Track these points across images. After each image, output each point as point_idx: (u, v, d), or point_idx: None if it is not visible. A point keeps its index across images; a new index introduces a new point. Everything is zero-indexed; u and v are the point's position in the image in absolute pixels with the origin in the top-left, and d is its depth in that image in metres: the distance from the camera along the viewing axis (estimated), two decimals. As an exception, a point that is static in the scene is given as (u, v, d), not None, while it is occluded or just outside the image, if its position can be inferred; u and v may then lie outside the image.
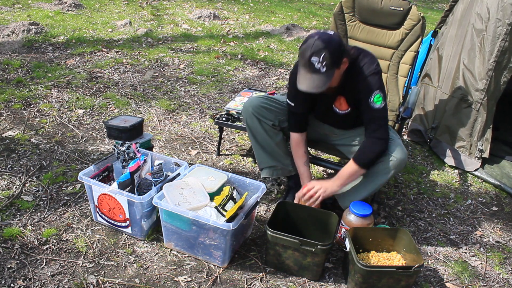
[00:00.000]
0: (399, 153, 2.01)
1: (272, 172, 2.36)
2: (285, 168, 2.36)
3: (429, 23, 6.85)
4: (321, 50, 1.82)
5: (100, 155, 2.80)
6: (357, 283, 1.84)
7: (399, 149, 2.03)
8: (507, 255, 2.29)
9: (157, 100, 3.64)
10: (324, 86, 1.88)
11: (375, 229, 2.10)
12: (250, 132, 2.27)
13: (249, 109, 2.22)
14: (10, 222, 2.15)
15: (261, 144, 2.28)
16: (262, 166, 2.36)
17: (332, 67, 1.86)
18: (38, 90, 3.57)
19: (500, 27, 2.66)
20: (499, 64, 2.74)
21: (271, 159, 2.32)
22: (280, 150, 2.32)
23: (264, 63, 4.76)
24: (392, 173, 2.06)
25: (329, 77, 1.88)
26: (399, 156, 2.01)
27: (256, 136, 2.27)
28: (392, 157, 2.02)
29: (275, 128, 2.27)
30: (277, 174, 2.38)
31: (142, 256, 2.03)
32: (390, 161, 2.02)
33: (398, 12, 2.62)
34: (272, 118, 2.24)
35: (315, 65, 1.83)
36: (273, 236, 1.88)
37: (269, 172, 2.36)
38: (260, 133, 2.25)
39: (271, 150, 2.30)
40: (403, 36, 2.68)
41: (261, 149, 2.30)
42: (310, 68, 1.85)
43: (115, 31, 5.30)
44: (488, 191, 2.87)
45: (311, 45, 1.84)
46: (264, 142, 2.27)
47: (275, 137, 2.28)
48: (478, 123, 2.91)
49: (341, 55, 1.89)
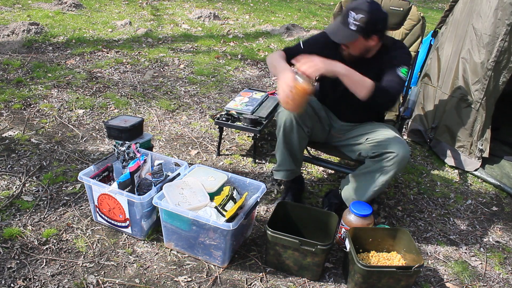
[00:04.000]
0: (401, 150, 1.98)
1: (290, 175, 2.34)
2: (298, 170, 2.38)
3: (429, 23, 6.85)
4: (362, 11, 1.90)
5: (100, 155, 2.80)
6: (357, 283, 1.84)
7: (400, 145, 2.00)
8: (507, 255, 2.29)
9: (157, 100, 3.64)
10: (342, 40, 1.97)
11: (375, 229, 2.11)
12: (283, 133, 2.15)
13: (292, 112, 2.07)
14: (10, 222, 2.15)
15: (290, 148, 2.21)
16: (281, 168, 2.32)
17: (361, 31, 1.92)
18: (38, 90, 3.57)
19: (499, 27, 2.66)
20: (498, 64, 2.74)
21: (292, 163, 2.28)
22: (301, 154, 2.32)
23: (264, 63, 4.76)
24: (395, 171, 2.02)
25: (352, 37, 1.94)
26: (401, 152, 1.97)
27: (288, 139, 2.17)
28: (393, 154, 1.99)
29: (308, 134, 2.21)
30: (292, 177, 2.37)
31: (142, 256, 2.03)
32: (391, 158, 2.00)
33: (398, 12, 2.63)
34: (309, 125, 2.19)
35: (348, 18, 1.92)
36: (273, 236, 1.89)
37: (285, 175, 2.33)
38: (294, 137, 2.16)
39: (295, 154, 2.25)
40: (403, 36, 2.68)
41: (287, 152, 2.23)
42: (343, 18, 1.95)
43: (115, 31, 5.30)
44: (488, 191, 2.87)
45: (360, 3, 1.93)
46: (293, 147, 2.20)
47: (303, 142, 2.23)
48: (478, 122, 2.91)
49: (375, 29, 1.95)
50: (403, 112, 2.52)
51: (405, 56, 2.10)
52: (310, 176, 2.81)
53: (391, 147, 2.02)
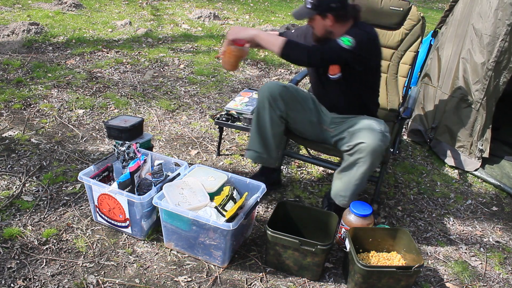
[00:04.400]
0: (370, 139, 1.96)
1: (256, 158, 2.36)
2: (270, 159, 2.37)
3: (429, 23, 6.85)
4: None
5: (100, 155, 2.80)
6: (357, 283, 1.84)
7: (370, 134, 1.98)
8: (507, 255, 2.29)
9: (157, 100, 3.64)
10: (298, 16, 2.11)
11: (375, 229, 2.11)
12: (256, 113, 2.27)
13: (266, 92, 2.22)
14: (10, 222, 2.15)
15: (260, 128, 2.27)
16: (250, 148, 2.36)
17: (316, 9, 2.06)
18: (38, 90, 3.57)
19: (499, 27, 2.66)
20: (498, 64, 2.74)
21: (261, 146, 2.31)
22: (274, 142, 2.31)
23: (264, 63, 4.76)
24: (369, 162, 1.99)
25: (307, 14, 2.09)
26: (370, 141, 1.95)
27: (259, 119, 2.26)
28: (363, 144, 1.97)
29: (281, 120, 2.26)
30: (260, 162, 2.40)
31: (142, 256, 2.03)
32: (363, 149, 1.98)
33: (398, 12, 2.63)
34: (284, 109, 2.23)
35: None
36: (273, 236, 1.89)
37: (253, 156, 2.35)
38: (264, 118, 2.24)
39: (265, 138, 2.29)
40: (403, 36, 2.68)
41: (257, 132, 2.29)
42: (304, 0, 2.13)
43: (115, 31, 5.30)
44: (488, 191, 2.87)
45: None
46: (263, 128, 2.26)
47: (276, 128, 2.27)
48: (478, 123, 2.91)
49: (328, 7, 2.05)
50: (403, 112, 2.52)
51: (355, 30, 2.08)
52: (310, 176, 2.81)
53: (361, 137, 1.99)
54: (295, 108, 2.27)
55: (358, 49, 2.01)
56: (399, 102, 2.74)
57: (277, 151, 2.36)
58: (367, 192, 2.71)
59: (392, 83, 2.77)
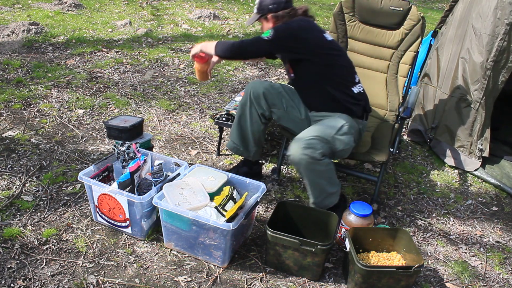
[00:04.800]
0: (292, 150, 2.02)
1: (233, 149, 2.49)
2: (246, 153, 2.49)
3: (429, 23, 6.85)
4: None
5: (100, 155, 2.80)
6: (357, 283, 1.84)
7: (293, 145, 2.03)
8: (507, 255, 2.29)
9: (157, 100, 3.64)
10: (250, 23, 2.36)
11: (375, 229, 2.11)
12: (239, 108, 2.39)
13: (250, 90, 2.32)
14: (10, 222, 2.15)
15: (240, 123, 2.40)
16: (230, 137, 2.50)
17: (258, 11, 2.30)
18: (38, 90, 3.57)
19: (498, 27, 2.66)
20: (497, 64, 2.74)
21: (239, 139, 2.44)
22: (252, 138, 2.41)
23: (264, 63, 4.76)
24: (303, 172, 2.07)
25: (254, 18, 2.32)
26: (292, 153, 2.02)
27: (240, 113, 2.38)
28: (289, 156, 2.06)
29: (261, 118, 2.35)
30: (237, 153, 2.52)
31: (142, 256, 2.03)
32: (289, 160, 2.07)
33: (398, 12, 2.63)
34: (266, 108, 2.32)
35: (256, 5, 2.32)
36: (273, 236, 1.89)
37: (231, 146, 2.49)
38: (245, 114, 2.35)
39: (244, 133, 2.41)
40: (403, 36, 2.68)
41: (237, 126, 2.41)
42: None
43: (115, 31, 5.30)
44: (488, 191, 2.87)
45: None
46: (243, 123, 2.39)
47: (255, 125, 2.37)
48: (478, 122, 2.91)
49: (267, 8, 2.26)
50: (402, 112, 2.52)
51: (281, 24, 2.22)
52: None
53: (290, 147, 2.06)
54: (281, 106, 2.32)
55: (276, 38, 2.13)
56: (399, 102, 2.74)
57: (255, 146, 2.45)
58: (367, 192, 2.71)
59: (392, 83, 2.77)
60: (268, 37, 2.13)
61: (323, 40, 2.22)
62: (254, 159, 2.53)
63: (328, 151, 2.05)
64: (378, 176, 2.46)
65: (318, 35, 2.21)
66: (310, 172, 2.07)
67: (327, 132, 2.08)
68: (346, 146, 2.11)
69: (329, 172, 2.10)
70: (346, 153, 2.17)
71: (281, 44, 2.17)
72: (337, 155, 2.14)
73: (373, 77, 2.80)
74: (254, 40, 2.20)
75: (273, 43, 2.15)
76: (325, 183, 2.12)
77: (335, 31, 2.82)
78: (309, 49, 2.18)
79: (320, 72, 2.23)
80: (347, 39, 2.84)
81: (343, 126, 2.12)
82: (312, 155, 1.99)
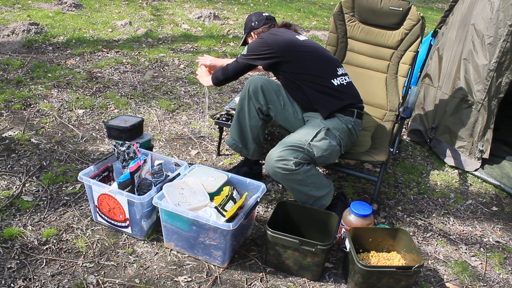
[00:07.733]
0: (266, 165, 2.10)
1: (232, 145, 2.50)
2: (245, 150, 2.49)
3: (429, 23, 6.86)
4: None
5: (100, 155, 2.80)
6: (357, 283, 1.84)
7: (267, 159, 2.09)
8: (507, 255, 2.29)
9: (157, 100, 3.64)
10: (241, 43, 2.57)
11: (375, 229, 2.11)
12: (239, 103, 2.41)
13: (248, 84, 2.35)
14: (10, 222, 2.15)
15: (239, 118, 2.42)
16: (230, 135, 2.52)
17: (244, 31, 2.54)
18: (38, 90, 3.57)
19: (501, 28, 2.66)
20: (500, 65, 2.74)
21: (238, 135, 2.45)
22: (250, 134, 2.42)
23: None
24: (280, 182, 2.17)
25: (244, 38, 2.53)
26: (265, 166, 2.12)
27: (239, 109, 2.40)
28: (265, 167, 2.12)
29: (259, 113, 2.36)
30: (235, 150, 2.52)
31: (142, 256, 2.03)
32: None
33: (397, 12, 2.63)
34: (263, 103, 2.33)
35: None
36: (273, 236, 1.89)
37: (230, 143, 2.50)
38: (243, 109, 2.38)
39: (242, 128, 2.42)
40: (403, 36, 2.68)
41: (236, 121, 2.44)
42: None
43: (115, 31, 5.30)
44: (488, 191, 2.87)
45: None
46: (242, 118, 2.40)
47: (253, 121, 2.39)
48: (479, 123, 2.91)
49: (250, 26, 2.47)
50: (402, 112, 2.52)
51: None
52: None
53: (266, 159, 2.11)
54: (278, 102, 2.34)
55: (249, 49, 2.28)
56: (399, 102, 2.74)
57: (254, 144, 2.45)
58: (367, 192, 2.71)
59: (392, 83, 2.77)
60: (244, 52, 2.31)
61: (295, 40, 2.27)
62: (253, 158, 2.53)
63: (305, 158, 2.06)
64: (378, 176, 2.46)
65: (289, 36, 2.27)
66: (289, 182, 2.10)
67: (302, 139, 2.08)
68: (325, 152, 2.09)
69: (312, 177, 2.10)
70: (329, 158, 2.14)
71: (255, 53, 2.25)
72: (317, 161, 2.12)
73: (373, 77, 2.80)
74: (236, 60, 2.35)
75: (248, 55, 2.28)
76: (309, 189, 2.12)
77: (335, 31, 2.82)
78: (280, 49, 2.21)
79: (295, 70, 2.23)
80: (347, 39, 2.84)
81: (320, 132, 2.11)
82: (285, 167, 2.02)
